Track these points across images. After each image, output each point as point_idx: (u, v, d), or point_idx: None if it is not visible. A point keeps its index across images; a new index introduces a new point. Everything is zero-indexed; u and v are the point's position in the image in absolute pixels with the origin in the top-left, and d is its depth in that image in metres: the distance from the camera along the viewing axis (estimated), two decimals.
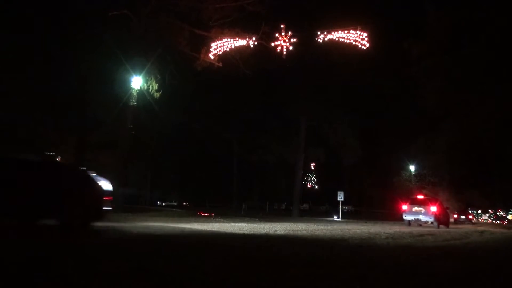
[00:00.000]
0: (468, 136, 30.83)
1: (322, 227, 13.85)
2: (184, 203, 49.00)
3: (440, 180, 37.64)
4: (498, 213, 41.31)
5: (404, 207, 18.11)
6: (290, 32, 18.71)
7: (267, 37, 18.91)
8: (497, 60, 24.35)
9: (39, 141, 29.55)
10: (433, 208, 17.17)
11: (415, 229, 15.35)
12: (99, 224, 7.49)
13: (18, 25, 21.87)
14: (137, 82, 19.02)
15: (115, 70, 19.77)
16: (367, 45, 18.57)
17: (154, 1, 18.39)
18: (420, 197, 18.95)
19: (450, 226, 19.15)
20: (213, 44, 19.05)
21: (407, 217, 17.63)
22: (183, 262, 4.51)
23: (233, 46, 19.03)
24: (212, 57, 19.23)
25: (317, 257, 5.11)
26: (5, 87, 23.10)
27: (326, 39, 18.81)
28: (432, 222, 17.08)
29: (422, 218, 16.93)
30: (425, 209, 17.31)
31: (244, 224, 11.75)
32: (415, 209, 17.42)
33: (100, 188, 7.27)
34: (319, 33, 18.74)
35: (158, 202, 49.21)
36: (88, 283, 3.46)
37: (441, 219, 17.58)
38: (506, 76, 24.48)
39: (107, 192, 7.37)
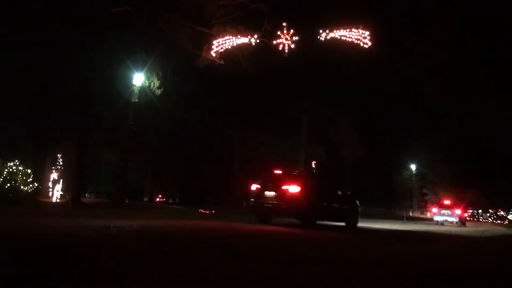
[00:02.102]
0: (469, 135, 30.76)
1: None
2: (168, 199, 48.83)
3: (440, 179, 37.58)
4: (498, 213, 41.28)
5: (434, 210, 22.25)
6: (292, 30, 18.67)
7: (269, 35, 18.87)
8: (498, 59, 24.31)
9: (41, 139, 29.68)
10: (458, 211, 21.17)
11: (416, 228, 15.58)
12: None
13: (20, 22, 21.89)
14: (138, 79, 19.03)
15: (117, 67, 19.78)
16: (369, 43, 18.54)
17: None
18: (447, 202, 23.33)
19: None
20: (215, 42, 19.02)
21: (436, 218, 21.42)
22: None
23: (235, 44, 18.99)
24: (214, 55, 19.20)
25: None
26: (8, 84, 23.16)
27: (328, 37, 18.77)
28: (456, 222, 20.47)
29: (449, 219, 20.94)
30: (451, 212, 21.29)
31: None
32: (443, 211, 21.51)
33: (357, 204, 12.60)
34: (321, 31, 18.69)
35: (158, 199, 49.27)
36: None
37: (463, 220, 21.16)
38: (507, 74, 24.45)
39: (359, 206, 12.76)
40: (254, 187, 10.70)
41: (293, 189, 9.63)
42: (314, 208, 10.15)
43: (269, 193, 10.00)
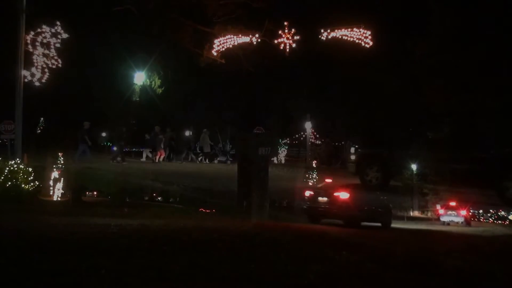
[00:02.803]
0: (469, 135, 30.58)
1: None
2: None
3: (442, 179, 37.44)
4: (499, 213, 41.12)
5: (441, 211, 23.06)
6: (293, 30, 18.68)
7: (270, 34, 18.85)
8: (500, 59, 24.24)
9: (43, 137, 29.63)
10: (463, 212, 21.75)
11: (419, 227, 15.70)
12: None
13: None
14: (139, 77, 19.06)
15: (118, 65, 19.80)
16: (371, 43, 18.55)
17: None
18: (453, 203, 23.76)
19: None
20: (216, 41, 19.02)
21: (443, 219, 22.06)
22: None
23: (236, 43, 18.99)
24: (215, 54, 19.20)
25: None
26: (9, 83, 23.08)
27: (329, 37, 18.77)
28: (462, 222, 21.07)
29: (455, 219, 21.66)
30: (456, 213, 21.94)
31: None
32: (449, 212, 22.21)
33: (390, 207, 13.85)
34: (322, 30, 18.69)
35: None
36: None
37: (468, 220, 21.82)
38: (508, 75, 24.39)
39: (391, 208, 13.84)
40: (307, 193, 12.59)
41: (344, 195, 11.44)
42: (359, 211, 11.92)
43: (322, 199, 11.80)
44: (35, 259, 4.28)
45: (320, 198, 12.18)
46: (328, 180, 13.86)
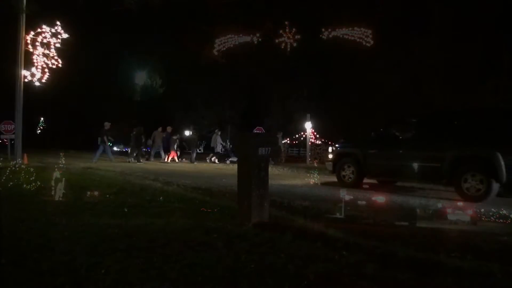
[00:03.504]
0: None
1: None
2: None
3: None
4: (500, 212, 41.12)
5: (449, 210, 23.44)
6: (294, 29, 18.71)
7: (271, 33, 18.90)
8: (499, 59, 24.26)
9: (45, 136, 29.60)
10: (469, 211, 22.27)
11: (423, 225, 15.95)
12: None
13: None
14: (141, 77, 19.07)
15: (118, 65, 19.80)
16: (372, 42, 18.58)
17: None
18: (460, 203, 24.30)
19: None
20: (217, 40, 19.08)
21: (451, 217, 22.22)
22: None
23: (237, 43, 19.05)
24: (216, 53, 19.25)
25: None
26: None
27: (330, 35, 18.80)
28: (468, 222, 21.47)
29: (462, 218, 22.00)
30: (463, 212, 22.51)
31: None
32: (456, 211, 22.75)
33: (416, 208, 12.60)
34: (323, 30, 18.72)
35: None
36: None
37: (474, 219, 22.16)
38: (508, 75, 24.41)
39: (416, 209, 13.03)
40: (347, 197, 13.27)
41: (380, 199, 12.41)
42: (393, 213, 12.96)
43: (361, 202, 12.61)
44: (35, 259, 4.29)
45: (359, 202, 13.21)
46: (365, 186, 15.12)
